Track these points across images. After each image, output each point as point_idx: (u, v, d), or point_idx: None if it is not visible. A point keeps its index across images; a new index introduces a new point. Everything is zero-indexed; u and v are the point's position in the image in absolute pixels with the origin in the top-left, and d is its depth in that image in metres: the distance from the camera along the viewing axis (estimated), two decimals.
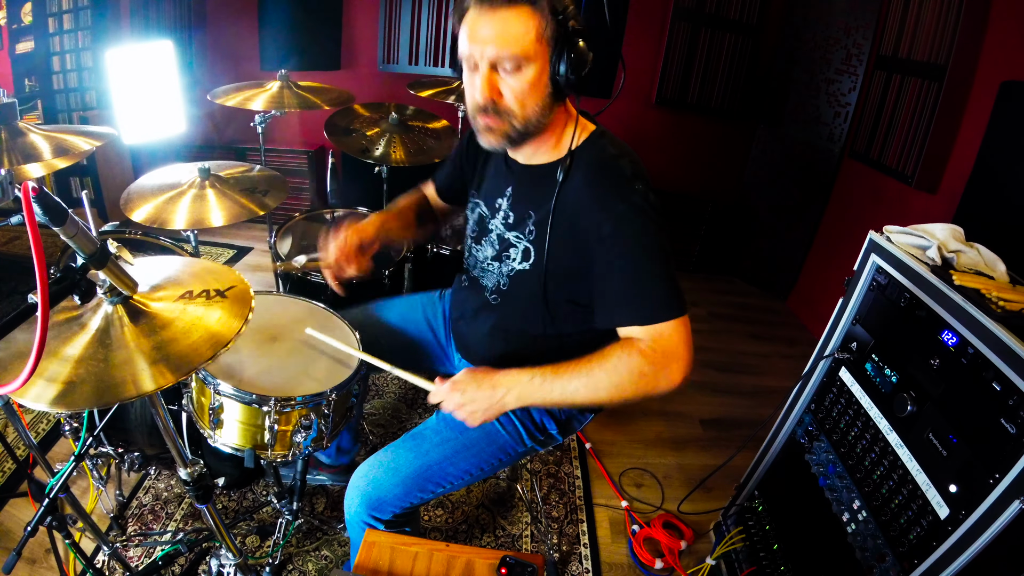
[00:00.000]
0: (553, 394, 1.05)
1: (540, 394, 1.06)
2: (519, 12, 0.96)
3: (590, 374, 1.03)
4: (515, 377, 1.08)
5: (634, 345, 1.02)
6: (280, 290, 2.14)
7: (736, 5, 3.33)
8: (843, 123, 3.11)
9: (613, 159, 1.08)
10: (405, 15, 3.39)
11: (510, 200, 1.21)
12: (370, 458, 1.26)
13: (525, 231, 1.17)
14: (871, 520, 1.23)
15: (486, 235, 1.27)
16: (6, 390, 0.65)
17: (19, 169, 1.39)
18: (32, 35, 2.80)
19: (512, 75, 1.00)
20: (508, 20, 0.96)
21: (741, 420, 2.50)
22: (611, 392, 1.02)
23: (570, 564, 1.78)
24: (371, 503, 1.20)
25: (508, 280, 1.24)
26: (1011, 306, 1.05)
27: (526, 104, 1.02)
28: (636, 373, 1.00)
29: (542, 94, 1.02)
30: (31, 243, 0.65)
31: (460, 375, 1.12)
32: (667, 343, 1.01)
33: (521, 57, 0.97)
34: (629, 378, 1.01)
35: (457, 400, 1.10)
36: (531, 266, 1.18)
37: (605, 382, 1.02)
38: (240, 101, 2.05)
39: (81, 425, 1.42)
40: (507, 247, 1.22)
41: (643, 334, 1.02)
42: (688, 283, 3.72)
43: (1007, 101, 2.03)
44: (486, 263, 1.28)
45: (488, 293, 1.29)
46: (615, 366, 1.01)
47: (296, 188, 3.52)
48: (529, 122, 1.05)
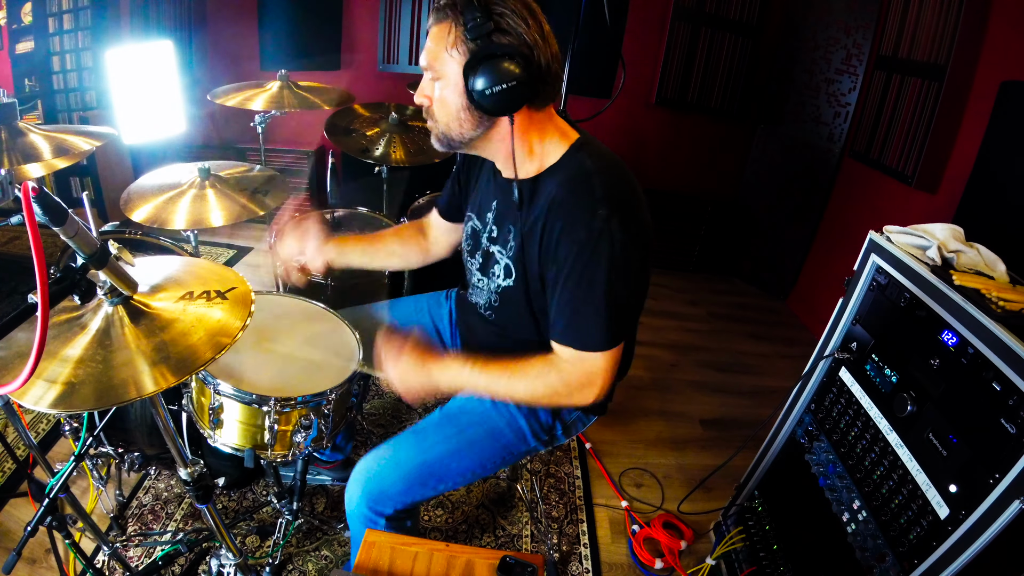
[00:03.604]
0: (479, 386, 1.14)
1: (469, 383, 1.15)
2: (440, 27, 1.02)
3: (511, 379, 1.12)
4: (450, 364, 1.15)
5: (555, 363, 1.10)
6: (280, 290, 2.13)
7: (736, 5, 3.33)
8: (843, 123, 3.11)
9: (586, 177, 1.06)
10: (405, 15, 3.38)
11: (495, 214, 1.22)
12: (372, 452, 1.26)
13: (507, 246, 1.18)
14: (871, 520, 1.23)
15: (477, 249, 1.27)
16: (6, 390, 0.65)
17: (19, 169, 1.39)
18: (32, 35, 2.80)
19: (436, 84, 1.06)
20: (432, 33, 1.03)
21: (741, 420, 2.50)
22: (526, 398, 1.14)
23: (570, 564, 1.78)
24: (372, 496, 1.20)
25: (498, 297, 1.25)
26: (1011, 306, 1.05)
27: (443, 113, 1.07)
28: (551, 389, 1.10)
29: (456, 106, 1.04)
30: (31, 243, 0.65)
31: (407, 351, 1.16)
32: (588, 369, 1.08)
33: (435, 68, 1.03)
34: (544, 391, 1.11)
35: (397, 373, 1.15)
36: (514, 283, 1.19)
37: (522, 389, 1.12)
38: (240, 101, 2.05)
39: (81, 425, 1.42)
40: (492, 263, 1.22)
41: (568, 355, 1.09)
42: (688, 283, 3.73)
43: (1007, 101, 2.03)
44: (476, 278, 1.30)
45: (482, 310, 1.31)
46: (534, 378, 1.10)
47: (296, 188, 3.52)
48: (451, 130, 1.08)
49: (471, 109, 1.03)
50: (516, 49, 0.98)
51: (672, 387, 2.66)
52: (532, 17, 1.00)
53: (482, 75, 0.97)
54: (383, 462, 1.23)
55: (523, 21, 0.98)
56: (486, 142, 1.10)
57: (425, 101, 1.09)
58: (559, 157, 1.10)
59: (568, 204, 1.04)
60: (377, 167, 2.33)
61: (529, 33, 0.99)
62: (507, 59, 0.97)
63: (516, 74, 0.97)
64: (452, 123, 1.07)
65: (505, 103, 0.99)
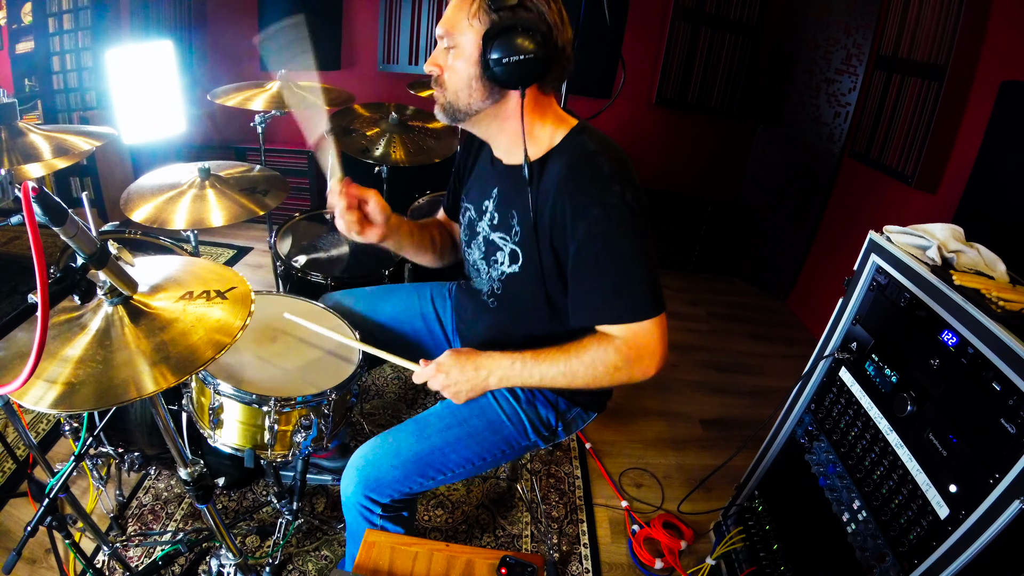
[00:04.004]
0: (533, 379, 1.12)
1: (521, 378, 1.13)
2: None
3: (568, 364, 1.09)
4: (497, 360, 1.13)
5: (610, 341, 1.07)
6: (280, 290, 2.14)
7: (736, 5, 3.33)
8: (843, 123, 3.11)
9: (591, 156, 1.07)
10: (405, 15, 3.38)
11: (495, 201, 1.21)
12: (370, 440, 1.25)
13: (510, 232, 1.18)
14: (871, 520, 1.23)
15: (475, 238, 1.27)
16: (6, 390, 0.65)
17: (19, 169, 1.39)
18: (32, 35, 2.79)
19: (450, 53, 1.07)
20: (454, 2, 1.06)
21: (741, 420, 2.50)
22: (587, 381, 1.10)
23: (570, 564, 1.78)
24: (368, 484, 1.19)
25: (501, 284, 1.24)
26: (1011, 306, 1.05)
27: (454, 81, 1.07)
28: (611, 367, 1.07)
29: (469, 75, 1.05)
30: (31, 243, 0.65)
31: (444, 357, 1.15)
32: (642, 341, 1.06)
33: (454, 35, 1.05)
34: (604, 371, 1.08)
35: (442, 381, 1.14)
36: (521, 269, 1.19)
37: (582, 373, 1.09)
38: (240, 101, 2.05)
39: (81, 425, 1.42)
40: (494, 250, 1.22)
41: (619, 332, 1.07)
42: (688, 283, 3.73)
43: (1007, 101, 2.03)
44: (476, 266, 1.29)
45: (484, 297, 1.30)
46: (592, 359, 1.08)
47: (296, 188, 3.52)
48: (459, 100, 1.08)
49: (483, 79, 1.05)
50: (536, 25, 1.00)
51: (672, 387, 2.66)
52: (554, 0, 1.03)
53: (501, 45, 0.99)
54: (381, 450, 1.22)
55: (545, 2, 1.02)
56: (491, 118, 1.11)
57: (435, 70, 1.09)
58: (560, 140, 1.12)
59: (577, 183, 1.06)
60: (377, 167, 2.33)
61: (551, 13, 1.02)
62: (528, 33, 0.99)
63: (534, 49, 0.99)
64: (462, 92, 1.08)
65: (519, 75, 1.01)
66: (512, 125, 1.10)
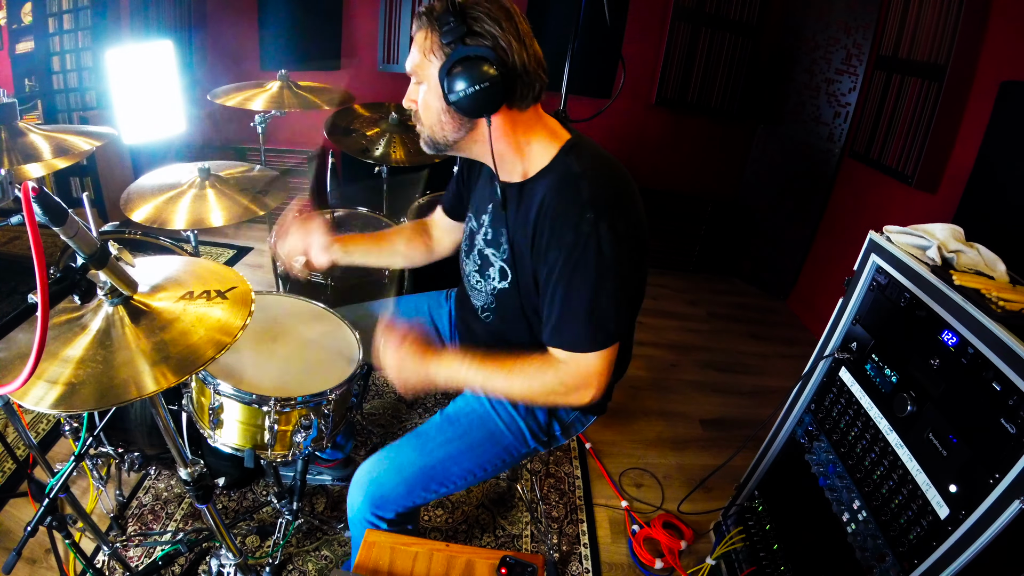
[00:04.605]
0: (476, 382, 1.14)
1: (465, 379, 1.15)
2: (420, 34, 1.05)
3: (508, 377, 1.12)
4: (448, 359, 1.15)
5: (553, 364, 1.10)
6: (280, 290, 2.14)
7: (736, 5, 3.33)
8: (843, 123, 3.11)
9: (573, 180, 1.06)
10: (405, 15, 3.38)
11: (490, 216, 1.22)
12: (373, 456, 1.26)
13: (499, 249, 1.19)
14: (871, 520, 1.23)
15: (472, 250, 1.28)
16: (6, 390, 0.65)
17: (19, 169, 1.39)
18: (32, 35, 2.79)
19: (420, 88, 1.09)
20: (415, 40, 1.06)
21: (741, 420, 2.50)
22: (524, 396, 1.14)
23: (570, 564, 1.78)
24: (375, 501, 1.21)
25: (494, 299, 1.25)
26: (1011, 306, 1.05)
27: (427, 116, 1.09)
28: (547, 389, 1.11)
29: (437, 109, 1.06)
30: (31, 243, 0.65)
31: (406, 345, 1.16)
32: (582, 371, 1.09)
33: (418, 73, 1.07)
34: (541, 390, 1.12)
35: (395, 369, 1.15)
36: (509, 285, 1.20)
37: (519, 387, 1.12)
38: (240, 101, 2.05)
39: (81, 425, 1.42)
40: (487, 264, 1.23)
41: (564, 357, 1.10)
42: (688, 283, 3.73)
43: (1007, 101, 2.04)
44: (472, 278, 1.30)
45: (480, 312, 1.31)
46: (531, 376, 1.11)
47: (296, 188, 3.51)
48: (435, 133, 1.10)
49: (451, 111, 1.05)
50: (489, 51, 0.99)
51: (672, 387, 2.66)
52: (508, 19, 1.00)
53: (456, 78, 0.99)
54: (385, 467, 1.23)
55: (497, 24, 0.99)
56: (471, 144, 1.12)
57: (412, 105, 1.12)
58: (549, 160, 1.11)
59: (556, 208, 1.05)
60: (377, 167, 2.33)
61: (504, 36, 1.00)
62: (480, 61, 0.98)
63: (489, 75, 0.98)
64: (435, 126, 1.09)
65: (481, 104, 1.01)
66: (497, 147, 1.10)
